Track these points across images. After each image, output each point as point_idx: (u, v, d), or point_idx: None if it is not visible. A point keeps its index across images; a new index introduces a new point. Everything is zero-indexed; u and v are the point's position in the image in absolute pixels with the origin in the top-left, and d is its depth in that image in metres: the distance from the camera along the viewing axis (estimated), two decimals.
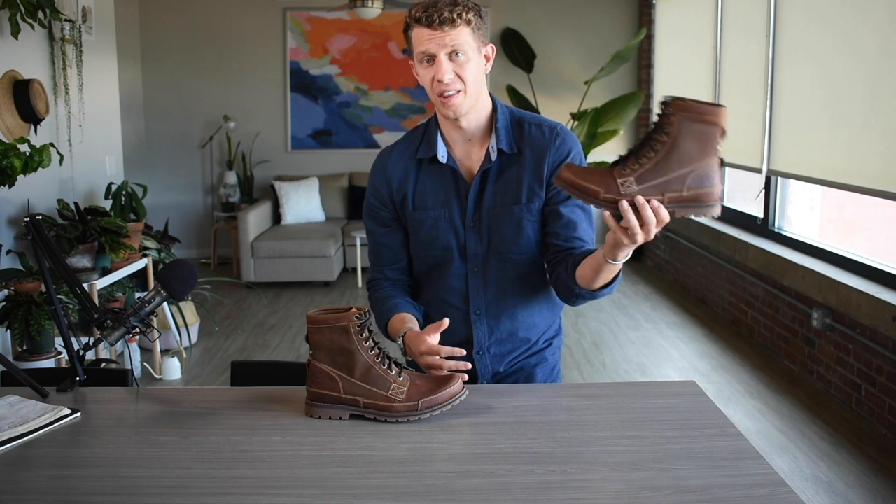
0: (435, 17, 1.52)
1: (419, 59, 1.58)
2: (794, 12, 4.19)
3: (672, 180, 1.33)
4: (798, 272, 3.97)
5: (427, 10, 1.53)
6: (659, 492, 1.18)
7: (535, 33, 6.99)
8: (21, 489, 1.20)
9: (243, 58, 7.13)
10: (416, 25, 1.56)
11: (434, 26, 1.53)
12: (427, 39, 1.54)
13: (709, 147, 1.33)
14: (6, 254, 3.58)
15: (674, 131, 1.32)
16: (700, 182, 1.33)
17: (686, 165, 1.33)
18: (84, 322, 3.46)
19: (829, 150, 3.85)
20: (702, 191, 1.33)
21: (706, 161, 1.33)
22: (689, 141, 1.32)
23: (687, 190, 1.34)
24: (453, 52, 1.54)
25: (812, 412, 3.58)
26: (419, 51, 1.56)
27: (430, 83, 1.58)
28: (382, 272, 1.78)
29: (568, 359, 4.40)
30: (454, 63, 1.55)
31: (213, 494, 1.18)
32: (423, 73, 1.59)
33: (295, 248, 6.11)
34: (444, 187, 1.68)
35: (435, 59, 1.55)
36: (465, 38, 1.55)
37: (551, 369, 1.83)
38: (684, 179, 1.33)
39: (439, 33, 1.53)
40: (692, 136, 1.32)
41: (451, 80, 1.55)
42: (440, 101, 1.59)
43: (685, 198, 1.34)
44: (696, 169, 1.33)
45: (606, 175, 1.35)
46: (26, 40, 3.76)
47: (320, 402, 1.45)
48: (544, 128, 1.68)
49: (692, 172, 1.33)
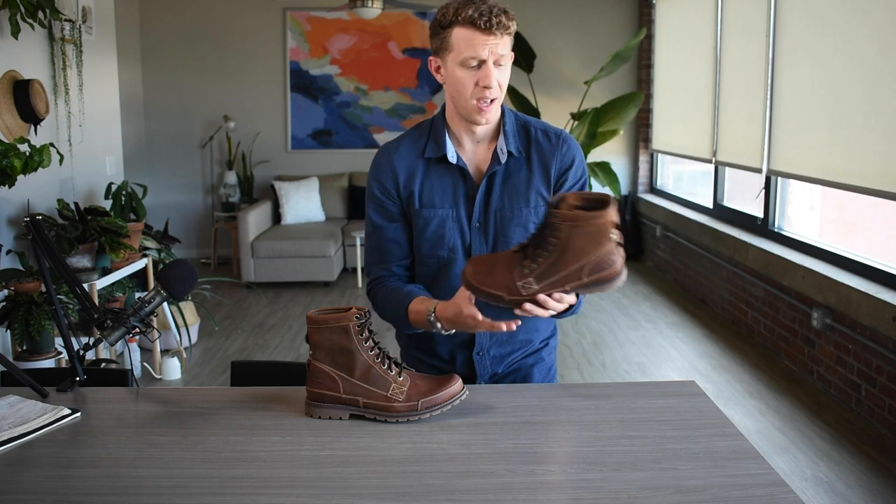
0: (493, 22, 1.50)
1: (462, 62, 1.54)
2: (794, 12, 4.19)
3: (570, 274, 1.40)
4: (798, 272, 3.97)
5: (483, 15, 1.50)
6: (659, 492, 1.18)
7: (535, 33, 6.99)
8: (21, 489, 1.21)
9: (243, 58, 7.13)
10: (465, 26, 1.52)
11: (490, 31, 1.50)
12: (480, 44, 1.51)
13: (601, 240, 1.38)
14: (6, 254, 3.58)
15: (563, 236, 1.38)
16: (598, 268, 1.39)
17: (581, 259, 1.39)
18: (84, 322, 3.46)
19: (829, 150, 3.85)
20: (602, 274, 1.40)
21: (600, 251, 1.39)
22: (580, 240, 1.38)
23: (587, 277, 1.40)
24: (499, 59, 1.54)
25: (812, 412, 3.58)
26: (467, 54, 1.53)
27: (472, 87, 1.55)
28: (389, 269, 1.73)
29: (568, 359, 4.40)
30: (497, 70, 1.55)
31: (213, 494, 1.18)
32: (464, 75, 1.55)
33: (295, 248, 6.11)
34: (452, 187, 1.67)
35: (484, 64, 1.53)
36: (509, 46, 1.55)
37: (548, 369, 1.83)
38: (582, 270, 1.39)
39: (492, 39, 1.51)
40: (582, 236, 1.38)
41: (496, 88, 1.55)
42: (478, 106, 1.57)
43: (586, 283, 1.40)
44: (591, 260, 1.39)
45: (507, 277, 1.41)
46: (26, 40, 3.76)
47: (320, 402, 1.45)
48: (550, 133, 1.69)
49: (588, 264, 1.39)
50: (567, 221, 1.37)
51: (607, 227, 1.37)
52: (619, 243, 1.39)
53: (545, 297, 1.40)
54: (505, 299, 1.42)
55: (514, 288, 1.41)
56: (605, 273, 1.39)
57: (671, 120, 6.56)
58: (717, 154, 5.37)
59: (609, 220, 1.37)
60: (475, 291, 1.44)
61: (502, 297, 1.42)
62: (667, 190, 6.97)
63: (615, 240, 1.38)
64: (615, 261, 1.39)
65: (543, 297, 1.40)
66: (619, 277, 1.40)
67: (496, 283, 1.42)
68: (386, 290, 1.70)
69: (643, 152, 7.24)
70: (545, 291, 1.41)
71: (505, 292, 1.42)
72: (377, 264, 1.74)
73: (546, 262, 1.39)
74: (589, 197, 1.40)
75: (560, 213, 1.37)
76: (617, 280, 1.40)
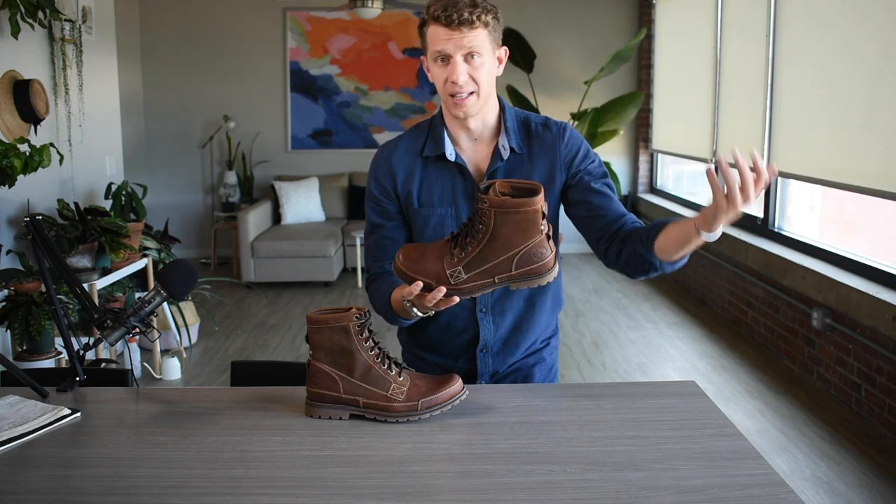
0: (454, 17, 1.51)
1: (433, 58, 1.57)
2: (794, 12, 4.19)
3: (498, 264, 1.36)
4: (798, 272, 3.97)
5: (446, 10, 1.52)
6: (659, 492, 1.18)
7: (535, 33, 6.99)
8: (21, 489, 1.20)
9: (243, 58, 7.13)
10: (433, 23, 1.54)
11: (452, 26, 1.52)
12: (444, 39, 1.53)
13: (530, 230, 1.35)
14: (6, 254, 3.58)
15: (490, 223, 1.34)
16: (528, 260, 1.36)
17: (510, 250, 1.35)
18: (84, 322, 3.46)
19: (829, 150, 3.84)
20: (531, 267, 1.37)
21: (529, 242, 1.35)
22: (508, 229, 1.34)
23: (515, 269, 1.37)
24: (469, 53, 1.54)
25: (812, 412, 3.58)
26: (434, 49, 1.55)
27: (444, 83, 1.57)
28: (384, 266, 1.74)
29: (568, 359, 4.40)
30: (469, 65, 1.55)
31: (213, 494, 1.18)
32: (437, 72, 1.58)
33: (295, 248, 6.11)
34: (451, 185, 1.67)
35: (450, 59, 1.54)
36: (481, 41, 1.54)
37: (549, 369, 1.83)
38: (511, 262, 1.36)
39: (457, 34, 1.52)
40: (509, 225, 1.34)
41: (466, 82, 1.55)
42: (452, 101, 1.58)
43: (514, 276, 1.37)
44: (520, 251, 1.36)
45: (437, 265, 1.38)
46: (26, 40, 3.76)
47: (320, 402, 1.45)
48: (551, 125, 1.69)
49: (517, 255, 1.36)
50: (494, 207, 1.33)
51: (536, 216, 1.33)
52: (549, 235, 1.36)
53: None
54: (434, 288, 1.39)
55: (443, 276, 1.38)
56: (535, 266, 1.36)
57: (671, 120, 6.56)
58: (717, 154, 5.36)
59: (538, 209, 1.33)
60: (405, 279, 1.41)
61: (430, 285, 1.39)
62: (667, 190, 6.97)
63: (545, 231, 1.35)
64: (545, 255, 1.36)
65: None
66: (550, 272, 1.37)
67: (426, 271, 1.39)
68: (377, 284, 1.71)
69: (643, 152, 7.24)
70: (474, 282, 1.37)
71: (434, 280, 1.39)
72: (375, 262, 1.74)
73: (474, 250, 1.36)
74: (519, 185, 1.37)
75: (487, 199, 1.34)
76: (548, 275, 1.37)
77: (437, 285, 1.38)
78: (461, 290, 1.39)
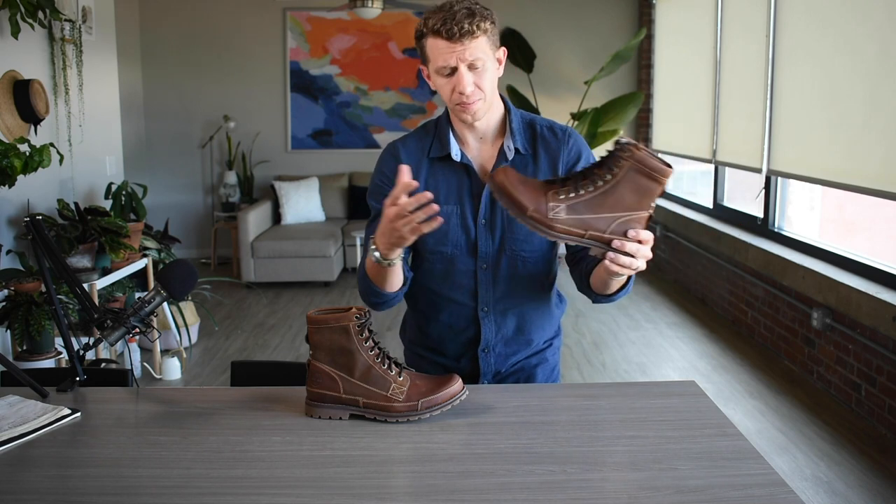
0: (455, 31, 1.51)
1: (437, 71, 1.58)
2: (794, 12, 4.19)
3: (599, 220, 1.33)
4: (798, 272, 3.97)
5: (446, 23, 1.51)
6: (659, 492, 1.18)
7: (535, 33, 6.99)
8: (21, 489, 1.20)
9: (243, 58, 7.13)
10: (433, 37, 1.54)
11: (454, 39, 1.52)
12: (447, 53, 1.53)
13: (645, 201, 1.33)
14: (6, 254, 3.58)
15: (619, 174, 1.32)
16: (622, 229, 1.34)
17: (617, 210, 1.33)
18: (84, 322, 3.46)
19: (829, 150, 3.85)
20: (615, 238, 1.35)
21: (637, 213, 1.34)
22: (629, 189, 1.32)
23: (608, 233, 1.34)
24: (472, 63, 1.55)
25: (812, 412, 3.58)
26: (438, 64, 1.56)
27: (450, 93, 1.58)
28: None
29: (568, 359, 4.40)
30: (473, 73, 1.56)
31: (213, 494, 1.18)
32: (442, 83, 1.58)
33: (295, 248, 6.11)
34: (456, 184, 1.68)
35: (456, 71, 1.55)
36: (483, 48, 1.55)
37: (551, 369, 1.83)
38: (610, 223, 1.34)
39: (459, 46, 1.53)
40: (634, 185, 1.32)
41: (473, 91, 1.56)
42: (459, 108, 1.59)
43: (603, 239, 1.35)
44: (624, 217, 1.34)
45: (540, 193, 1.33)
46: (26, 40, 3.76)
47: (320, 402, 1.45)
48: (556, 129, 1.71)
49: (620, 219, 1.34)
50: (633, 159, 1.30)
51: (658, 188, 1.32)
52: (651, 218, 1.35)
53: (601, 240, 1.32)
54: (528, 213, 1.32)
55: (542, 207, 1.32)
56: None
57: (671, 120, 6.56)
58: (716, 154, 5.37)
59: (665, 183, 1.31)
60: (501, 191, 1.33)
61: (527, 209, 1.32)
62: (667, 190, 6.98)
63: (651, 213, 1.34)
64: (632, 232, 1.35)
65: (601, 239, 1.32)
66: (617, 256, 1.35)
67: (526, 194, 1.32)
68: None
69: None
70: (568, 226, 1.32)
71: (531, 206, 1.32)
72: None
73: (587, 194, 1.32)
74: (652, 153, 1.34)
75: (630, 147, 1.30)
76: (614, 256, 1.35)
77: (531, 212, 1.32)
78: (552, 228, 1.32)
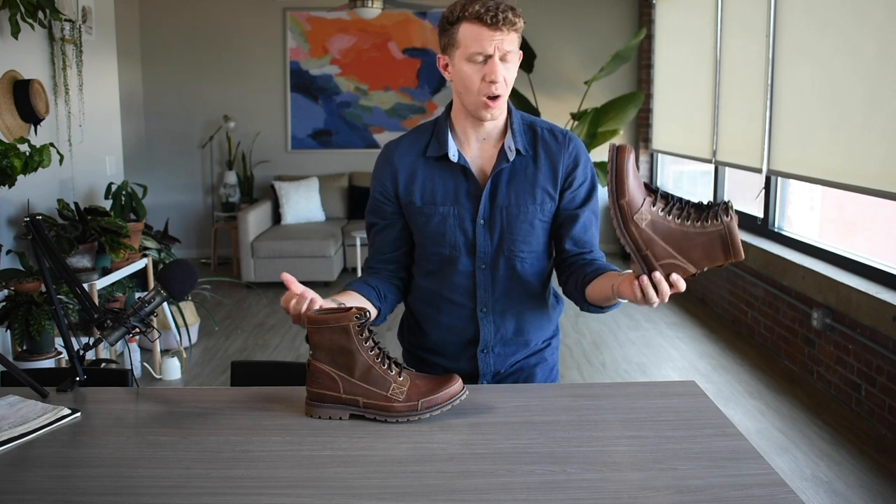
0: (500, 18, 1.52)
1: (468, 57, 1.56)
2: (794, 12, 4.19)
3: (663, 249, 1.38)
4: (798, 272, 3.97)
5: (489, 10, 1.52)
6: (659, 492, 1.18)
7: (535, 33, 6.99)
8: (21, 489, 1.20)
9: (243, 58, 7.13)
10: (472, 22, 1.54)
11: (497, 26, 1.53)
12: (486, 39, 1.54)
13: (704, 262, 1.39)
14: (6, 254, 3.58)
15: (708, 229, 1.37)
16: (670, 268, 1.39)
17: (681, 252, 1.38)
18: (84, 322, 3.46)
19: (829, 150, 3.85)
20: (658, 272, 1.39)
21: (689, 263, 1.39)
22: (704, 244, 1.38)
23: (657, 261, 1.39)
24: (505, 54, 1.56)
25: (812, 412, 3.58)
26: (473, 50, 1.55)
27: (478, 82, 1.57)
28: (370, 264, 1.80)
29: (568, 359, 4.40)
30: (504, 65, 1.57)
31: (213, 494, 1.18)
32: (471, 70, 1.57)
33: (295, 248, 6.11)
34: (454, 185, 1.68)
35: (490, 59, 1.55)
36: (516, 43, 1.57)
37: (550, 369, 1.84)
38: (665, 258, 1.38)
39: (499, 34, 1.53)
40: (709, 245, 1.38)
41: (502, 83, 1.57)
42: (485, 101, 1.58)
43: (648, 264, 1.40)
44: (679, 260, 1.39)
45: (642, 192, 1.38)
46: (26, 40, 3.76)
47: (320, 402, 1.45)
48: (556, 133, 1.71)
49: (676, 259, 1.38)
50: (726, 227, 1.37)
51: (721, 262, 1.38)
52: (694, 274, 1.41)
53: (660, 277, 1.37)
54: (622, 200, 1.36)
55: (636, 203, 1.37)
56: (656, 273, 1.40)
57: (671, 120, 6.56)
58: (716, 154, 5.37)
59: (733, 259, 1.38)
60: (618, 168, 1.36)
61: (624, 195, 1.36)
62: (667, 190, 6.97)
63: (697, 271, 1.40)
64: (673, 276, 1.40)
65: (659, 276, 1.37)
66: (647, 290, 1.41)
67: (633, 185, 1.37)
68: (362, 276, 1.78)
69: (643, 152, 7.24)
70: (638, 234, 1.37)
71: (628, 196, 1.36)
72: (371, 257, 1.81)
73: (670, 224, 1.37)
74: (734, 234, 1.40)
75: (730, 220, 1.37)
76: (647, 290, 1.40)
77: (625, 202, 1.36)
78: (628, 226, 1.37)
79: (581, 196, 1.70)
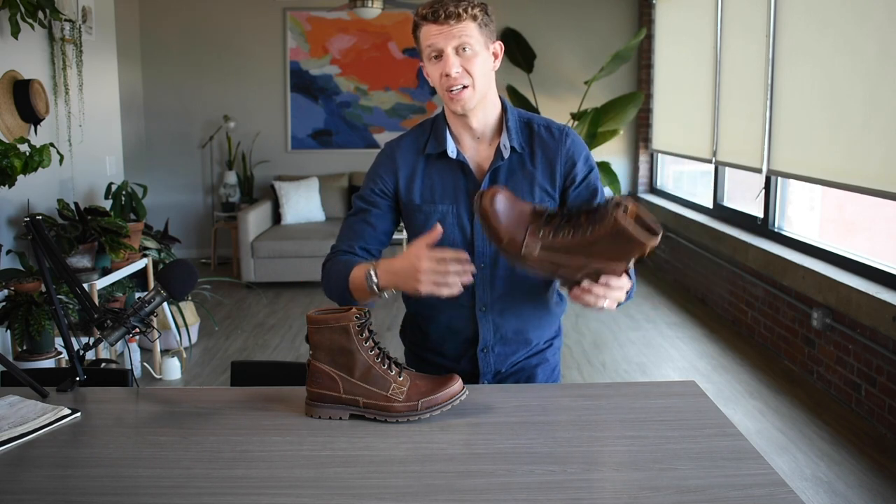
0: (441, 13, 1.56)
1: (427, 56, 1.61)
2: (794, 12, 4.19)
3: (572, 266, 1.36)
4: (798, 272, 3.97)
5: (433, 7, 1.57)
6: (659, 492, 1.18)
7: (535, 33, 6.99)
8: (21, 489, 1.21)
9: (243, 58, 7.12)
10: (423, 23, 1.59)
11: (440, 21, 1.56)
12: (434, 34, 1.57)
13: (622, 260, 1.36)
14: (6, 254, 3.58)
15: (600, 232, 1.32)
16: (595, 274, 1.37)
17: (593, 259, 1.35)
18: (84, 322, 3.46)
19: (829, 150, 3.85)
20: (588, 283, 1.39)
21: (611, 267, 1.37)
22: (609, 246, 1.33)
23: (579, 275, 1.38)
24: (460, 46, 1.57)
25: (812, 412, 3.58)
26: (428, 49, 1.59)
27: (439, 79, 1.60)
28: (353, 247, 1.71)
29: (568, 359, 4.40)
30: (461, 57, 1.58)
31: (213, 494, 1.18)
32: (432, 69, 1.61)
33: (295, 248, 6.11)
34: (452, 183, 1.68)
35: (442, 53, 1.58)
36: (471, 33, 1.57)
37: (552, 370, 1.83)
38: (581, 269, 1.36)
39: (445, 27, 1.56)
40: (615, 244, 1.33)
41: (459, 74, 1.58)
42: (448, 96, 1.61)
43: (573, 281, 1.39)
44: (598, 269, 1.36)
45: (521, 225, 1.36)
46: (26, 40, 3.76)
47: (320, 402, 1.45)
48: (553, 129, 1.71)
49: (593, 270, 1.36)
50: (621, 223, 1.30)
51: (638, 253, 1.34)
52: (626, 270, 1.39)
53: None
54: (502, 244, 1.37)
55: (517, 241, 1.36)
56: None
57: (671, 120, 6.56)
58: (716, 154, 5.37)
59: (647, 249, 1.33)
60: (485, 215, 1.37)
61: (501, 240, 1.37)
62: (667, 190, 6.97)
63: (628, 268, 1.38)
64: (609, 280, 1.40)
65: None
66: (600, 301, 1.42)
67: (506, 225, 1.36)
68: (338, 261, 1.68)
69: (643, 152, 7.23)
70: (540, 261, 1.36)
71: (506, 238, 1.36)
72: (348, 241, 1.73)
73: (565, 241, 1.35)
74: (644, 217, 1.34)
75: (617, 215, 1.30)
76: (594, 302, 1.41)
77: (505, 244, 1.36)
78: (524, 261, 1.37)
79: (586, 192, 1.69)
